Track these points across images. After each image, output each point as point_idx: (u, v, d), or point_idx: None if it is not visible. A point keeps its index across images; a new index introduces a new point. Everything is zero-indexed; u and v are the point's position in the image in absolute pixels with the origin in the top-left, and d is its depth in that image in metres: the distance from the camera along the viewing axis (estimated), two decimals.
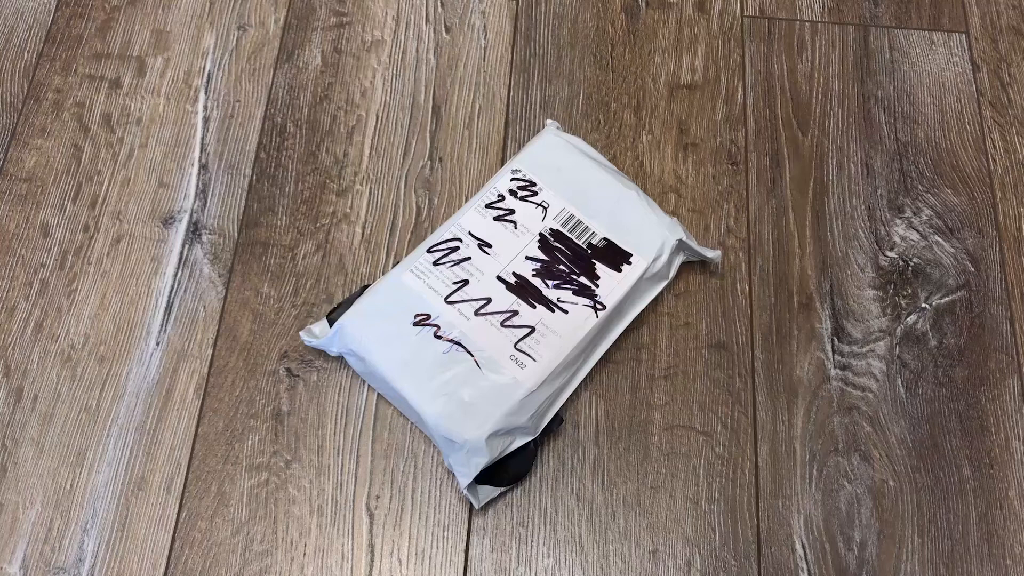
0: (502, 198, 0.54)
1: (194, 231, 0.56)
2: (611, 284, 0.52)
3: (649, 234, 0.53)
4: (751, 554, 0.48)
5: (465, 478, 0.47)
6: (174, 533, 0.48)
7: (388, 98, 0.60)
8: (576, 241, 0.53)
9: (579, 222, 0.53)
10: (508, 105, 0.60)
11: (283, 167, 0.58)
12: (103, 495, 0.49)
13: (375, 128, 0.59)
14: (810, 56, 0.63)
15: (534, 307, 0.51)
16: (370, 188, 0.58)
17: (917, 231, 0.57)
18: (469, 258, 0.52)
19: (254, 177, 0.58)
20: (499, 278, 0.51)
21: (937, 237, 0.57)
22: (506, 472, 0.49)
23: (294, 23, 0.63)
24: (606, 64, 0.62)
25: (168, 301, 0.54)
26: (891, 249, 0.56)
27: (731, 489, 0.50)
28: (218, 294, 0.54)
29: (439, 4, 0.64)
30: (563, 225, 0.53)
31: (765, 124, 0.60)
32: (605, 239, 0.53)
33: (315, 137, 0.59)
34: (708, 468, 0.50)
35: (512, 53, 0.62)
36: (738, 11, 0.64)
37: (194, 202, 0.57)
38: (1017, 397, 0.52)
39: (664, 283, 0.54)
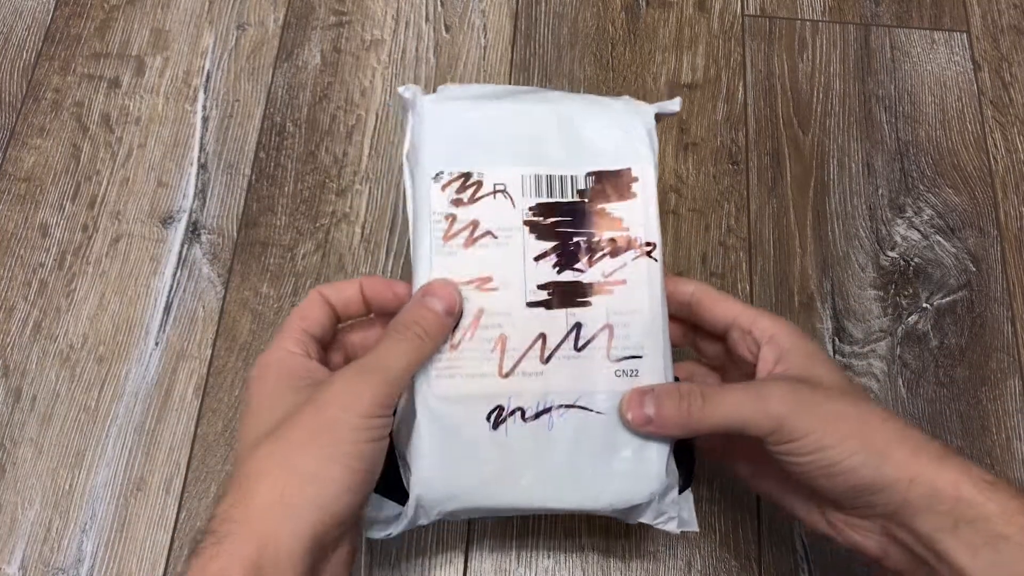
0: (452, 218, 0.39)
1: (193, 231, 0.56)
2: (637, 213, 0.40)
3: (625, 132, 0.41)
4: (751, 554, 0.48)
5: (674, 522, 0.39)
6: (173, 533, 0.48)
7: (388, 97, 0.60)
8: (564, 200, 0.40)
9: (549, 176, 0.40)
10: None
11: (282, 167, 0.58)
12: (102, 495, 0.49)
13: (375, 127, 0.59)
14: (811, 55, 0.62)
15: (588, 303, 0.39)
16: (370, 188, 0.57)
17: (918, 231, 0.57)
18: (482, 310, 0.38)
19: (253, 177, 0.58)
20: (529, 305, 0.39)
21: (938, 237, 0.57)
22: (686, 456, 0.40)
23: (293, 22, 0.63)
24: (606, 63, 0.62)
25: (167, 301, 0.54)
26: (892, 249, 0.56)
27: (732, 488, 0.50)
28: (217, 294, 0.54)
29: (439, 3, 0.64)
30: (536, 193, 0.40)
31: (766, 123, 0.60)
32: (589, 173, 0.41)
33: (314, 136, 0.59)
34: (709, 467, 0.50)
35: (512, 52, 0.62)
36: (739, 10, 0.64)
37: (193, 202, 0.57)
38: (1018, 397, 0.52)
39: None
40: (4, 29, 0.62)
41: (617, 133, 0.41)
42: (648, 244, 0.40)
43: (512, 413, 0.37)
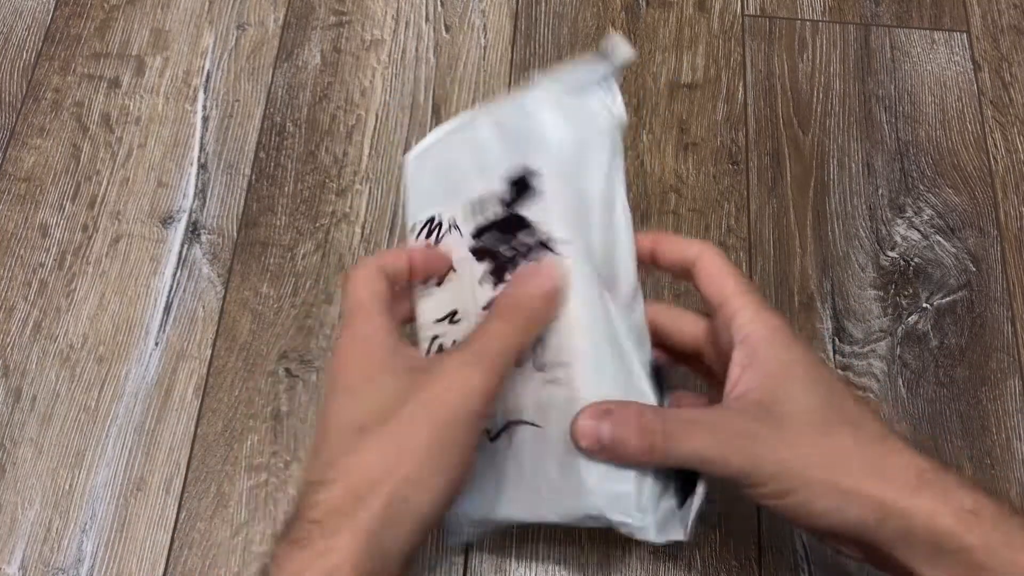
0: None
1: (193, 231, 0.56)
2: (547, 210, 0.37)
3: (528, 121, 0.38)
4: (751, 554, 0.48)
5: (659, 532, 0.35)
6: (173, 534, 0.48)
7: (388, 97, 0.60)
8: (494, 217, 0.38)
9: (481, 197, 0.39)
10: None
11: (282, 167, 0.58)
12: (102, 495, 0.49)
13: (375, 127, 0.59)
14: (811, 55, 0.62)
15: None
16: (370, 188, 0.57)
17: (918, 230, 0.57)
18: (454, 342, 0.38)
19: (253, 177, 0.58)
20: None
21: (938, 237, 0.57)
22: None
23: (293, 22, 0.63)
24: None
25: (167, 301, 0.54)
26: (892, 249, 0.56)
27: (732, 488, 0.49)
28: (217, 294, 0.54)
29: (439, 3, 0.64)
30: (474, 217, 0.39)
31: (766, 123, 0.60)
32: (509, 181, 0.38)
33: (314, 136, 0.59)
34: None
35: (512, 52, 0.62)
36: (739, 10, 0.64)
37: (193, 202, 0.57)
38: (1018, 397, 0.52)
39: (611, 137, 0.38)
40: (4, 29, 0.62)
41: (525, 125, 0.38)
42: (554, 240, 0.36)
43: (483, 433, 0.37)
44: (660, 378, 0.36)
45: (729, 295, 0.35)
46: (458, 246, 0.39)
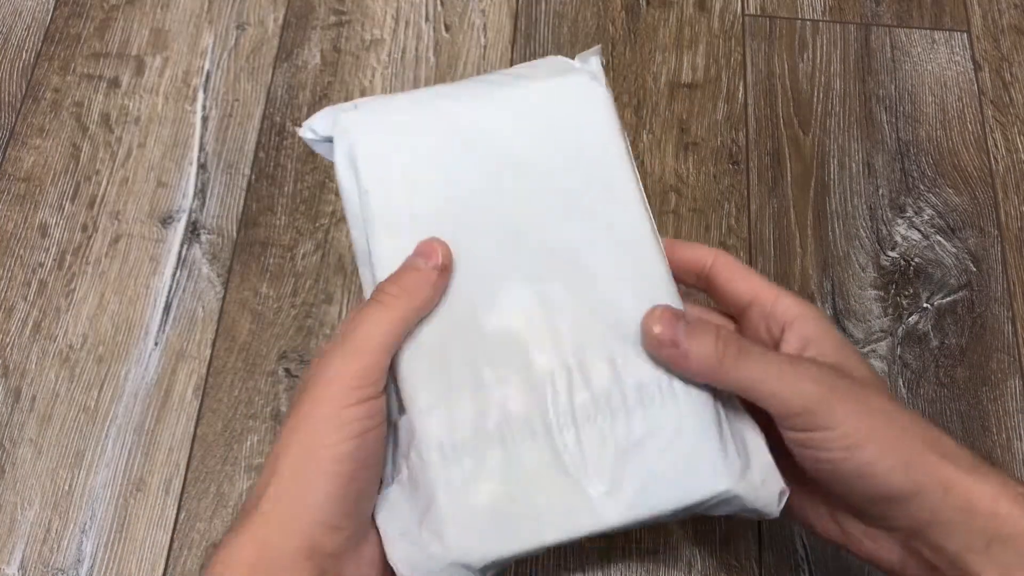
0: None
1: (193, 231, 0.56)
2: None
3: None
4: (752, 555, 0.48)
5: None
6: (173, 534, 0.48)
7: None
8: None
9: None
10: None
11: (282, 166, 0.58)
12: (102, 496, 0.49)
13: None
14: (811, 55, 0.62)
15: None
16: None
17: (919, 231, 0.57)
18: None
19: (253, 176, 0.58)
20: None
21: (939, 237, 0.57)
22: None
23: (293, 22, 0.63)
24: (606, 63, 0.62)
25: (167, 301, 0.54)
26: (892, 249, 0.56)
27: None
28: (217, 294, 0.54)
29: (439, 3, 0.64)
30: None
31: (766, 123, 0.60)
32: None
33: None
34: None
35: (512, 52, 0.62)
36: (739, 10, 0.64)
37: (193, 202, 0.57)
38: (1018, 397, 0.52)
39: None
40: (4, 29, 0.62)
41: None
42: None
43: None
44: None
45: (759, 288, 0.35)
46: None
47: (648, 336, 0.32)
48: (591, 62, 0.39)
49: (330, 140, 0.37)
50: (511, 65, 0.62)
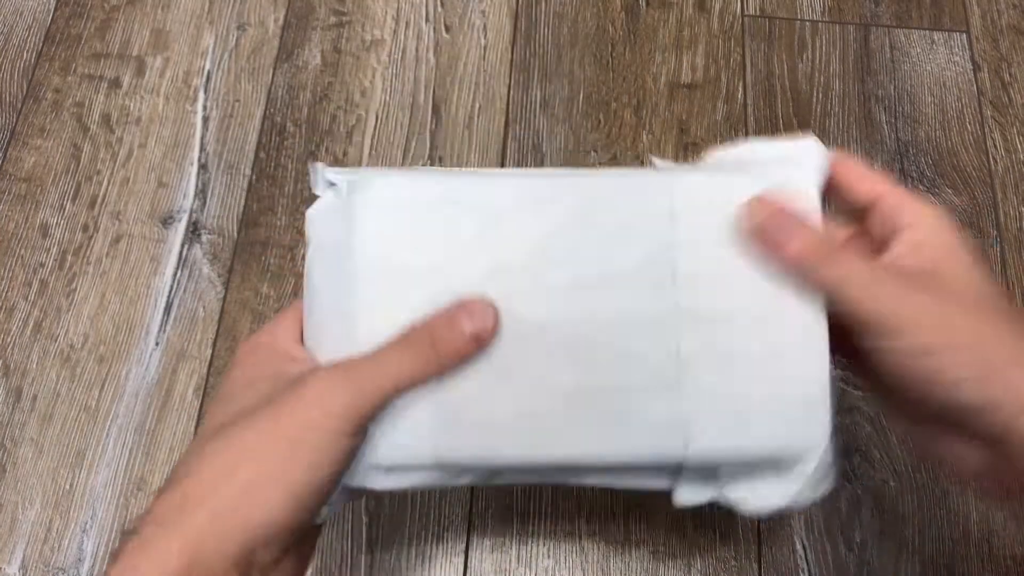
0: None
1: (193, 231, 0.56)
2: None
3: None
4: (751, 554, 0.48)
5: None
6: None
7: (388, 98, 0.60)
8: None
9: None
10: (508, 104, 0.60)
11: (282, 167, 0.58)
12: (102, 495, 0.49)
13: (375, 128, 0.59)
14: (811, 55, 0.62)
15: None
16: None
17: None
18: None
19: (253, 177, 0.58)
20: None
21: None
22: None
23: (293, 22, 0.63)
24: (606, 63, 0.62)
25: (167, 301, 0.54)
26: None
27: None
28: (217, 294, 0.54)
29: (439, 3, 0.64)
30: None
31: (766, 123, 0.60)
32: None
33: (315, 137, 0.59)
34: None
35: (512, 52, 0.62)
36: (739, 10, 0.64)
37: (193, 202, 0.57)
38: None
39: None
40: (4, 29, 0.62)
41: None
42: None
43: None
44: None
45: (886, 189, 0.34)
46: None
47: (747, 223, 0.32)
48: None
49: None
50: (510, 65, 0.62)
